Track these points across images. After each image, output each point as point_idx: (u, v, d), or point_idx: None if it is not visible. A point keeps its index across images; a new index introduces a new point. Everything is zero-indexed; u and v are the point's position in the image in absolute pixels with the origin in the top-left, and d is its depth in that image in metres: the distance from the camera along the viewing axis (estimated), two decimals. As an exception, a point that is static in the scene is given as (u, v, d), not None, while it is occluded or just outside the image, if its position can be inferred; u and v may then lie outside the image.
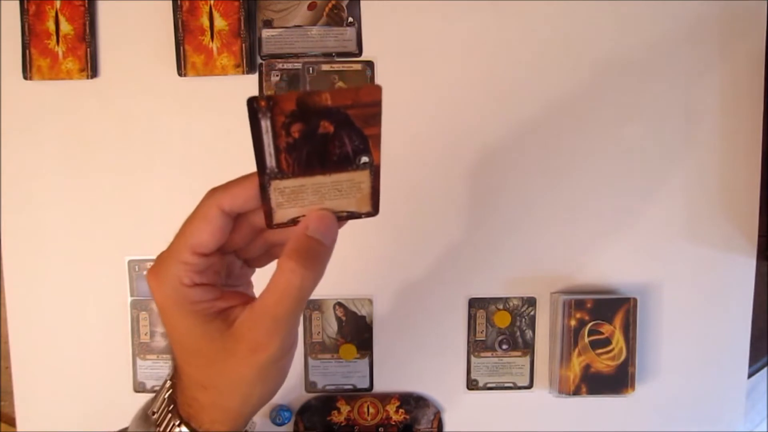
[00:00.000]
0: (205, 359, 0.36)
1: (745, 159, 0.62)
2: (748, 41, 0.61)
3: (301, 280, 0.34)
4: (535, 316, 0.63)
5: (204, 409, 0.37)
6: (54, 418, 0.62)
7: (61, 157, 0.61)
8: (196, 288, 0.35)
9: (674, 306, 0.63)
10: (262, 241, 0.38)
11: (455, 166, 0.61)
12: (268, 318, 0.34)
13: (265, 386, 0.37)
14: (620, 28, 0.60)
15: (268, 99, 0.32)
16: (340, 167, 0.35)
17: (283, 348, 0.35)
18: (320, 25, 0.60)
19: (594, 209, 0.62)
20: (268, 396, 0.38)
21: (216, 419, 0.37)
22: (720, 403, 0.64)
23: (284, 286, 0.34)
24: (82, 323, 0.62)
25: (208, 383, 0.36)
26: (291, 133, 0.33)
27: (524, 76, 0.61)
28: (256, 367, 0.35)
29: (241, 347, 0.35)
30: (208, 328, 0.35)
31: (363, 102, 0.33)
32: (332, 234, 0.35)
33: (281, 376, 0.38)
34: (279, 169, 0.33)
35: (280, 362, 0.36)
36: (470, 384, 0.63)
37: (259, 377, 0.36)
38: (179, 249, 0.35)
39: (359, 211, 0.37)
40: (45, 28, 0.59)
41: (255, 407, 0.38)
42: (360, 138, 0.34)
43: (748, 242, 0.62)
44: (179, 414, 0.38)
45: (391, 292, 0.62)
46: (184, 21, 0.58)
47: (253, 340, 0.35)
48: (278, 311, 0.34)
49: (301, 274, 0.34)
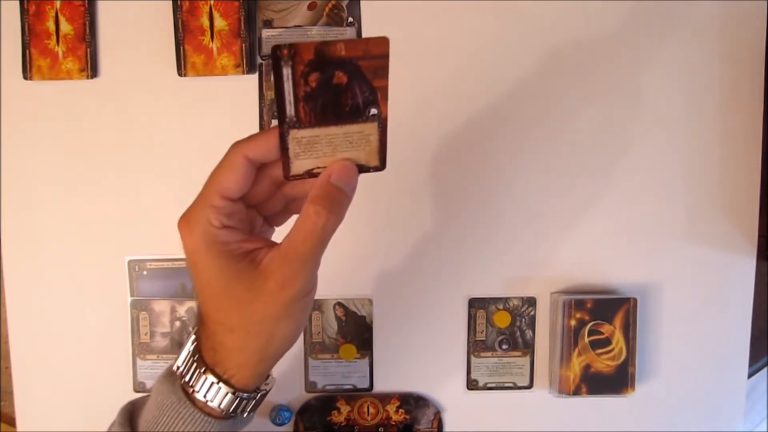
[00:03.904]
0: (234, 300, 0.38)
1: (745, 159, 0.62)
2: (748, 41, 0.61)
3: (324, 221, 0.37)
4: (535, 316, 0.63)
5: (230, 354, 0.39)
6: (54, 418, 0.62)
7: (61, 157, 0.61)
8: (225, 230, 0.38)
9: (674, 306, 0.63)
10: (281, 196, 0.41)
11: (455, 165, 0.61)
12: (295, 255, 0.37)
13: (288, 325, 0.39)
14: (620, 28, 0.60)
15: (290, 47, 0.34)
16: (352, 118, 0.37)
17: (307, 285, 0.38)
18: (320, 25, 0.60)
19: (594, 209, 0.62)
20: (291, 337, 0.40)
21: (242, 362, 0.40)
22: (720, 403, 0.64)
23: (310, 227, 0.37)
24: (82, 323, 0.62)
25: (236, 324, 0.39)
26: (309, 82, 0.35)
27: (524, 77, 0.61)
28: (282, 303, 0.38)
29: (270, 284, 0.37)
30: (237, 267, 0.38)
31: (372, 54, 0.35)
32: (353, 183, 0.38)
33: (303, 317, 0.40)
34: (297, 118, 0.36)
35: (304, 300, 0.39)
36: (470, 384, 0.63)
37: (285, 314, 0.38)
38: (208, 194, 0.38)
39: (368, 164, 0.39)
40: (45, 28, 0.59)
41: (278, 350, 0.40)
42: (370, 89, 0.36)
43: (748, 242, 0.62)
44: (204, 362, 0.40)
45: (391, 292, 0.62)
46: (184, 21, 0.58)
47: (282, 277, 0.37)
48: (304, 249, 0.37)
49: (325, 217, 0.37)
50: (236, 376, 0.40)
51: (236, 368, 0.40)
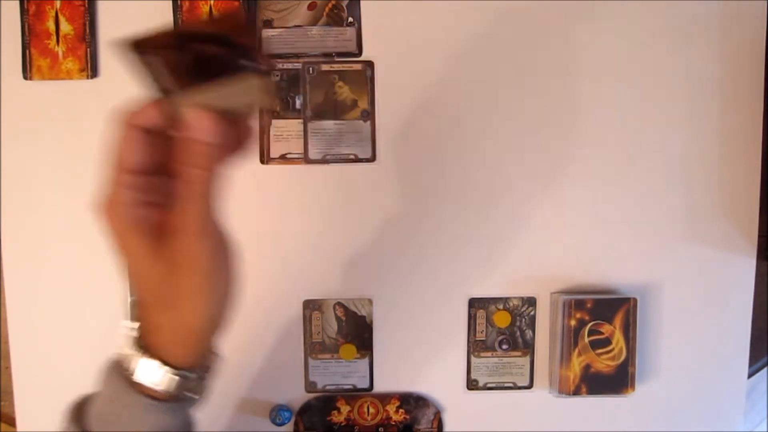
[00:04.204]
0: (158, 277, 0.38)
1: (745, 159, 0.62)
2: (748, 41, 0.61)
3: (203, 180, 0.37)
4: (535, 316, 0.63)
5: (165, 333, 0.40)
6: (54, 418, 0.62)
7: (61, 157, 0.60)
8: (140, 207, 0.38)
9: (674, 306, 0.63)
10: None
11: (455, 165, 0.61)
12: (194, 220, 0.37)
13: (214, 295, 0.39)
14: (620, 28, 0.60)
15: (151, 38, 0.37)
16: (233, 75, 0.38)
17: (216, 244, 0.39)
18: (320, 25, 0.60)
19: (594, 209, 0.62)
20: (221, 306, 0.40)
21: (177, 340, 0.40)
22: (720, 403, 0.64)
23: (192, 190, 0.37)
24: (82, 323, 0.62)
25: (166, 302, 0.39)
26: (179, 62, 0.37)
27: (524, 76, 0.61)
28: (201, 272, 0.38)
29: (177, 260, 0.38)
30: (160, 242, 0.38)
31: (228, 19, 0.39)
32: (221, 132, 0.37)
33: (227, 283, 0.40)
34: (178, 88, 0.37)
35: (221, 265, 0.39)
36: (470, 384, 0.63)
37: (207, 282, 0.38)
38: (116, 175, 0.38)
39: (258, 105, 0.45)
40: (45, 28, 0.59)
41: (212, 322, 0.40)
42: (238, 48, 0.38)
43: (748, 242, 0.62)
44: (144, 347, 0.40)
45: (391, 292, 0.62)
46: (184, 21, 0.58)
47: (190, 245, 0.38)
48: (199, 209, 0.37)
49: (200, 175, 0.37)
50: (175, 356, 0.40)
51: (173, 347, 0.40)
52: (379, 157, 0.61)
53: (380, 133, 0.60)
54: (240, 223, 0.62)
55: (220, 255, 0.39)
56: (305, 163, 0.61)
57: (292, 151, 0.61)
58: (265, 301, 0.62)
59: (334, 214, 0.61)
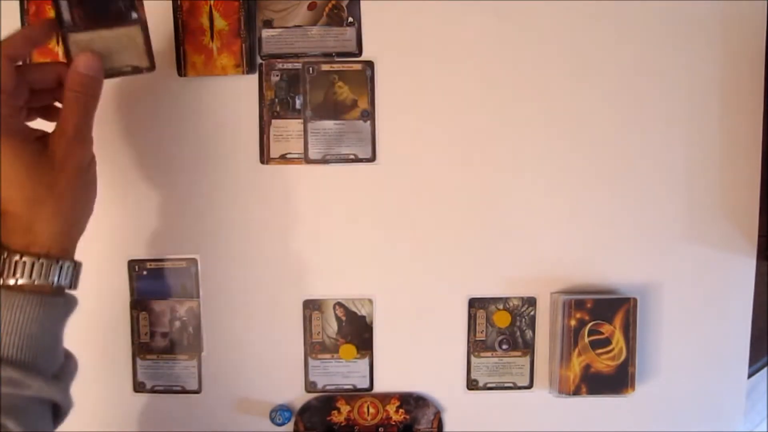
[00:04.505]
0: (38, 175, 0.46)
1: (745, 159, 0.62)
2: (748, 41, 0.61)
3: (84, 101, 0.49)
4: (535, 316, 0.63)
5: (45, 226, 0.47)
6: (54, 418, 0.62)
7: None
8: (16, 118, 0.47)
9: (674, 306, 0.63)
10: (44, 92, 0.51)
11: (455, 165, 0.61)
12: (68, 130, 0.48)
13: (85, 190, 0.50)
14: (620, 28, 0.60)
15: None
16: (118, 22, 0.49)
17: (85, 153, 0.49)
18: (320, 25, 0.60)
19: (594, 209, 0.62)
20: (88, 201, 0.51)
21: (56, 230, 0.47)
22: (720, 403, 0.64)
23: (73, 105, 0.48)
24: (82, 323, 0.61)
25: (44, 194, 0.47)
26: None
27: (524, 77, 0.61)
28: (72, 168, 0.48)
29: (58, 155, 0.47)
30: (35, 148, 0.47)
31: None
32: (97, 68, 0.49)
33: (89, 190, 0.51)
34: (73, 22, 0.48)
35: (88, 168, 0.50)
36: (470, 384, 0.63)
37: (78, 177, 0.48)
38: None
39: (141, 65, 0.51)
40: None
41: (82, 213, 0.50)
42: None
43: (748, 242, 0.62)
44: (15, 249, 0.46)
45: (391, 292, 0.62)
46: (185, 21, 0.58)
47: (64, 148, 0.48)
48: (73, 124, 0.48)
49: (83, 98, 0.49)
50: (54, 246, 0.47)
51: (53, 238, 0.47)
52: (379, 157, 0.61)
53: (380, 133, 0.60)
54: (240, 222, 0.62)
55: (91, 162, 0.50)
56: (305, 163, 0.61)
57: (292, 151, 0.61)
58: (265, 301, 0.62)
59: (334, 214, 0.61)
